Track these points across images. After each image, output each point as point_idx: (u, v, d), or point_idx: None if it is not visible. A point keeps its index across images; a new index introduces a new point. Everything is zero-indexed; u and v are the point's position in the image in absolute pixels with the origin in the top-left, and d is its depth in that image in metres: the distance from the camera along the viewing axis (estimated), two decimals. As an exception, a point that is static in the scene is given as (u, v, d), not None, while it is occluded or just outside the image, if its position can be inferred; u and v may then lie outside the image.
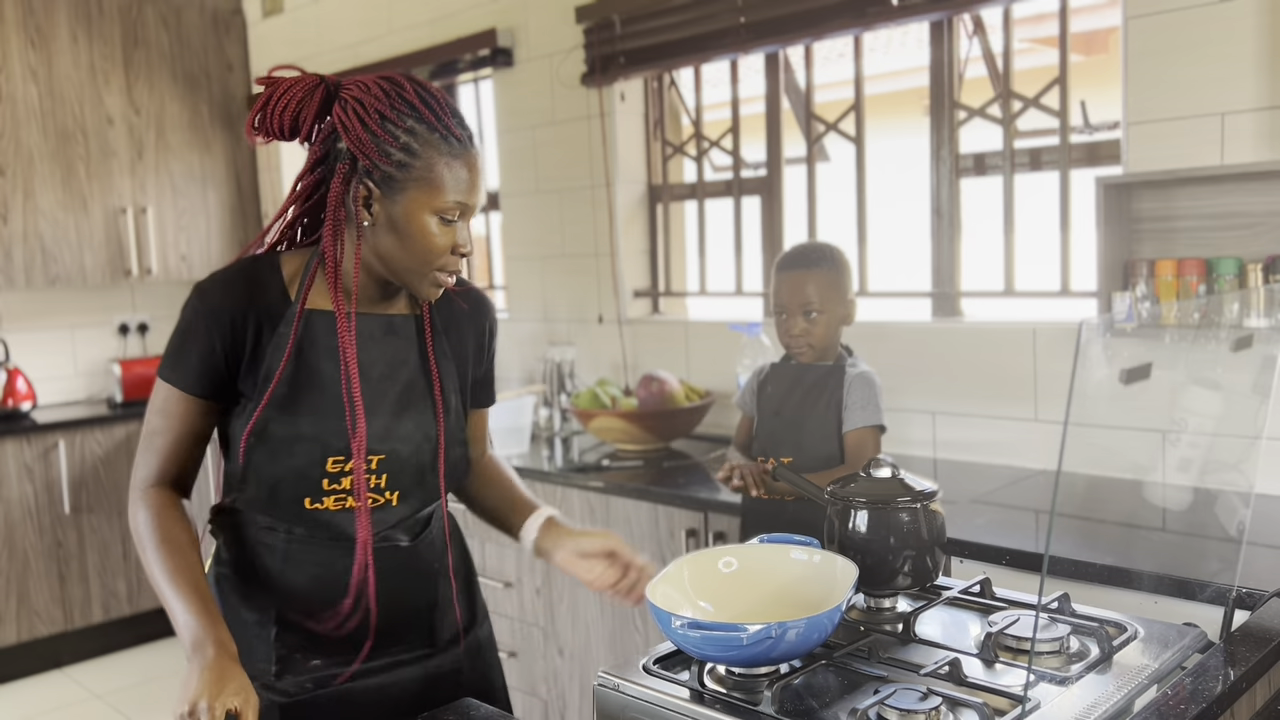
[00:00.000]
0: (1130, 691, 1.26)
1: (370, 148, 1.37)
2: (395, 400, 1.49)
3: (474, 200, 1.42)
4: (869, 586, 1.53)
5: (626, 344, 3.53)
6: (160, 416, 1.48)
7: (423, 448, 1.50)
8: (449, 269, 1.43)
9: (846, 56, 3.23)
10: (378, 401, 1.47)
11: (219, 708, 1.22)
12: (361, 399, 1.44)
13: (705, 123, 3.47)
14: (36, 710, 3.84)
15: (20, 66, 4.24)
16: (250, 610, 1.52)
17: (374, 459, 1.46)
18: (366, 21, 4.31)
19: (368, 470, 1.46)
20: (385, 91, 1.38)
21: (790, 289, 2.02)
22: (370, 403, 1.46)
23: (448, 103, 1.42)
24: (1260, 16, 2.20)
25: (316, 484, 1.45)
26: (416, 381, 1.51)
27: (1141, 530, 2.07)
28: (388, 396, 1.48)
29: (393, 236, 1.40)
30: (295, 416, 1.44)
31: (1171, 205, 2.36)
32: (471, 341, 1.60)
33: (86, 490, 4.24)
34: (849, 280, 2.06)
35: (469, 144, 1.41)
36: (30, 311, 4.61)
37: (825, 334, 2.02)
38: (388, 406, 1.48)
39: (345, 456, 1.45)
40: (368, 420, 1.45)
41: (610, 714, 1.37)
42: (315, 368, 1.45)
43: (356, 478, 1.45)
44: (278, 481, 1.46)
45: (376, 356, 1.49)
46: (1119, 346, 1.90)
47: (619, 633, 2.75)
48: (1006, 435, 2.65)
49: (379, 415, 1.47)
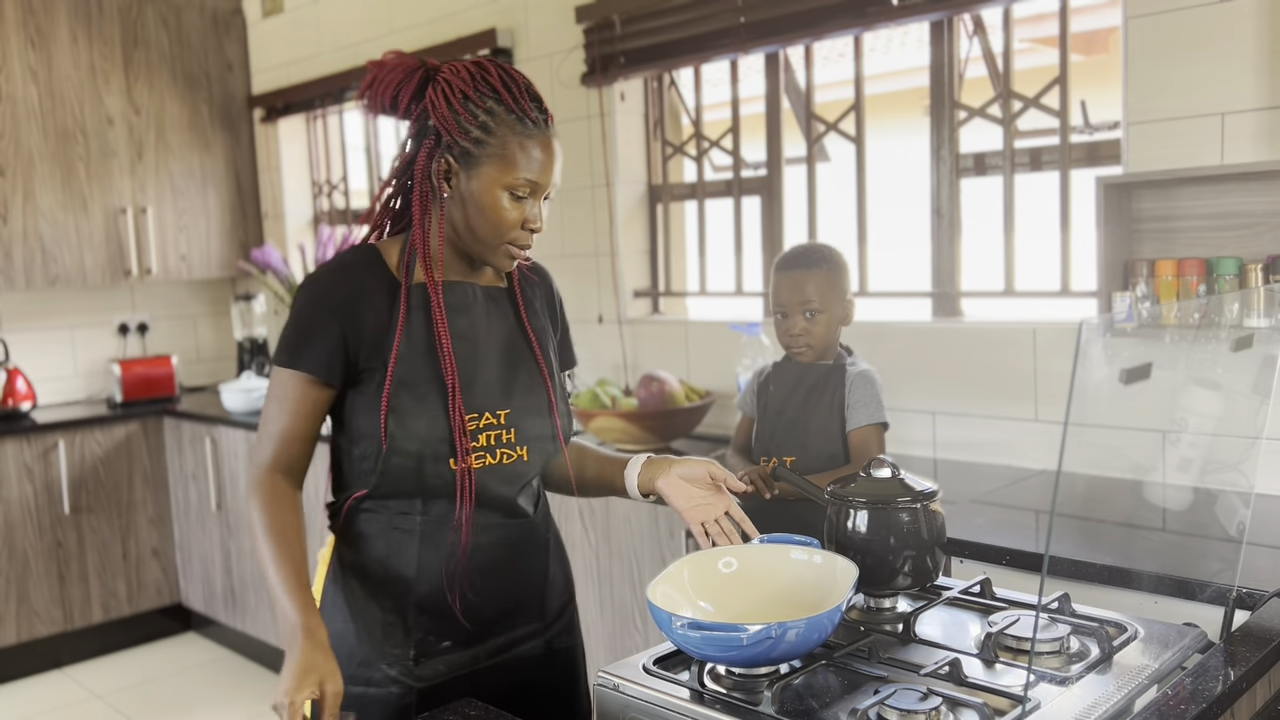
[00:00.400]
0: (1130, 691, 1.26)
1: (451, 124, 1.47)
2: (503, 360, 1.58)
3: (544, 179, 1.50)
4: (869, 586, 1.53)
5: (626, 344, 3.53)
6: (278, 404, 1.52)
7: (537, 404, 1.60)
8: (519, 243, 1.52)
9: (846, 56, 3.23)
10: (488, 361, 1.57)
11: (299, 701, 1.30)
12: (455, 360, 1.52)
13: (705, 123, 3.47)
14: (36, 710, 3.84)
15: (20, 66, 4.24)
16: (385, 599, 1.56)
17: (500, 414, 1.55)
18: (366, 21, 4.31)
19: (497, 425, 1.55)
20: (471, 74, 1.49)
21: (790, 289, 2.02)
22: (483, 362, 1.56)
23: (528, 87, 1.51)
24: (1260, 16, 2.19)
25: (450, 444, 1.51)
26: (517, 343, 1.61)
27: (1141, 530, 2.07)
28: (495, 357, 1.58)
29: (468, 209, 1.50)
30: (423, 384, 1.51)
31: (1171, 205, 2.36)
32: (545, 310, 1.70)
33: (86, 490, 4.24)
34: (847, 280, 2.06)
35: (543, 126, 1.50)
36: (30, 311, 4.61)
37: (825, 334, 2.03)
38: (498, 366, 1.57)
39: (477, 412, 1.53)
40: (483, 378, 1.55)
41: (610, 714, 1.37)
42: (430, 336, 1.53)
43: (458, 437, 1.50)
44: (421, 449, 1.50)
45: (480, 319, 1.58)
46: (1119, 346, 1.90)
47: (619, 633, 2.75)
48: (1006, 435, 2.65)
49: (492, 373, 1.56)
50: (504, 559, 1.59)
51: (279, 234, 4.90)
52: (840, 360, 2.07)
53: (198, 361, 5.10)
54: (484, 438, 1.53)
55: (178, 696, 3.93)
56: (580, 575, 2.82)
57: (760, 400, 2.13)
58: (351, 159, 4.82)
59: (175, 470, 4.43)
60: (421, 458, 1.51)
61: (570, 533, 2.83)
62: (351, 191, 4.81)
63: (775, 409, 2.08)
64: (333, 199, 4.85)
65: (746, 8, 3.05)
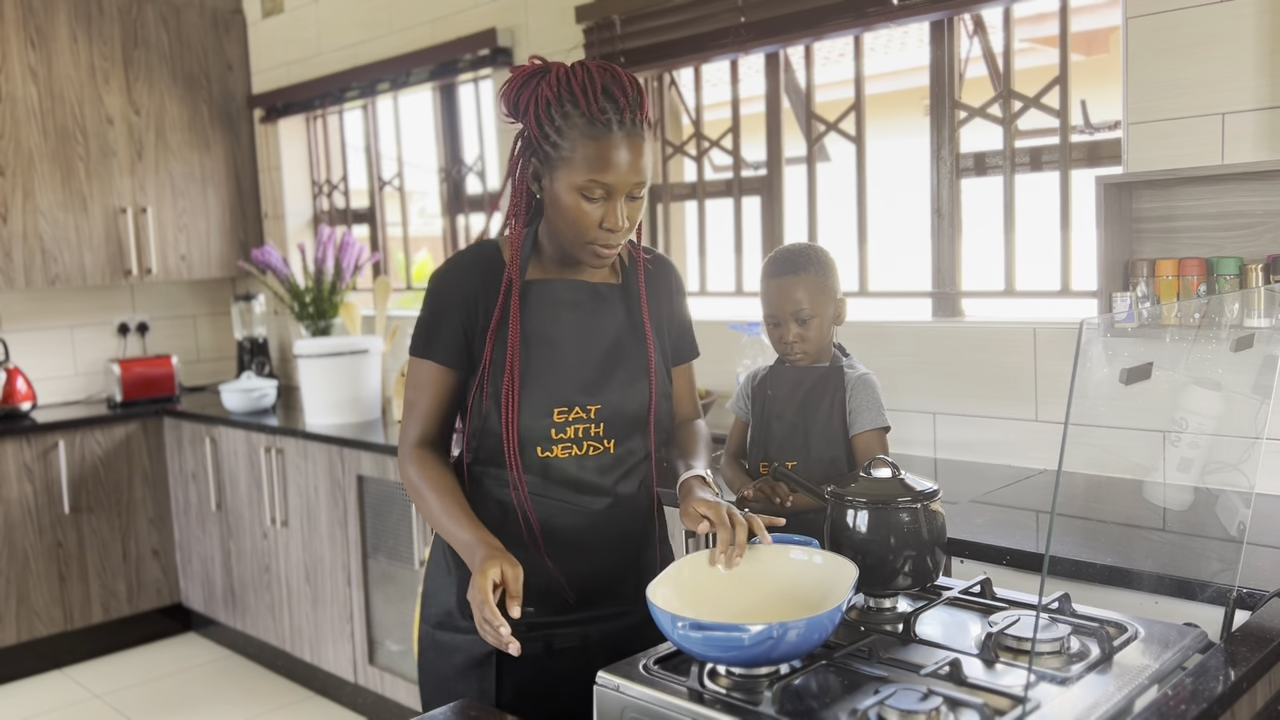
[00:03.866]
0: (1131, 691, 1.26)
1: (534, 128, 1.54)
2: (604, 356, 1.65)
3: (611, 179, 1.52)
4: (869, 586, 1.53)
5: (626, 344, 3.53)
6: (415, 389, 1.68)
7: (632, 399, 1.66)
8: (600, 242, 1.57)
9: (847, 56, 3.23)
10: (586, 358, 1.64)
11: (484, 583, 1.46)
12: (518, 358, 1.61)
13: (705, 123, 3.47)
14: (36, 710, 3.84)
15: (20, 66, 4.24)
16: None
17: (591, 409, 1.63)
18: (366, 21, 4.31)
19: (584, 420, 1.63)
20: (564, 77, 1.53)
21: (780, 296, 2.00)
22: (579, 359, 1.64)
23: (606, 86, 1.52)
24: (1260, 16, 2.19)
25: (545, 434, 1.62)
26: (624, 340, 1.68)
27: (1142, 530, 2.07)
28: (595, 353, 1.65)
29: (553, 211, 1.58)
30: (521, 375, 1.62)
31: (1172, 205, 2.36)
32: (665, 301, 1.76)
33: (86, 490, 4.24)
34: (837, 279, 2.04)
35: (613, 127, 1.51)
36: (30, 311, 4.61)
37: (819, 337, 2.01)
38: (595, 362, 1.65)
39: (568, 406, 1.62)
40: (578, 374, 1.63)
41: (610, 714, 1.37)
42: (532, 330, 1.63)
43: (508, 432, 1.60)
44: (512, 435, 1.61)
45: (583, 317, 1.66)
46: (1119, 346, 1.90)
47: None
48: (1006, 435, 2.65)
49: (587, 370, 1.64)
50: (596, 541, 1.67)
51: (279, 234, 4.90)
52: (837, 362, 2.06)
53: (198, 361, 5.10)
54: (572, 430, 1.63)
55: (178, 696, 3.93)
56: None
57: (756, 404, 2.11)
58: (351, 159, 4.82)
59: (175, 470, 4.43)
60: (511, 443, 1.61)
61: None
62: (351, 191, 4.82)
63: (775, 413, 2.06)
64: (333, 199, 4.85)
65: (746, 8, 3.06)
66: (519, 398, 1.61)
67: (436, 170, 4.33)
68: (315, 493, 3.68)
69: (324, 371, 3.75)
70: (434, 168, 4.35)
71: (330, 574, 3.66)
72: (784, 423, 2.04)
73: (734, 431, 2.19)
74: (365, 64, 4.28)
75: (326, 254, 4.09)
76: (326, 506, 3.63)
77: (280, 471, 3.82)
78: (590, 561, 1.69)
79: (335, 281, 4.07)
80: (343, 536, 3.57)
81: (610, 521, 1.69)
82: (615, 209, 1.54)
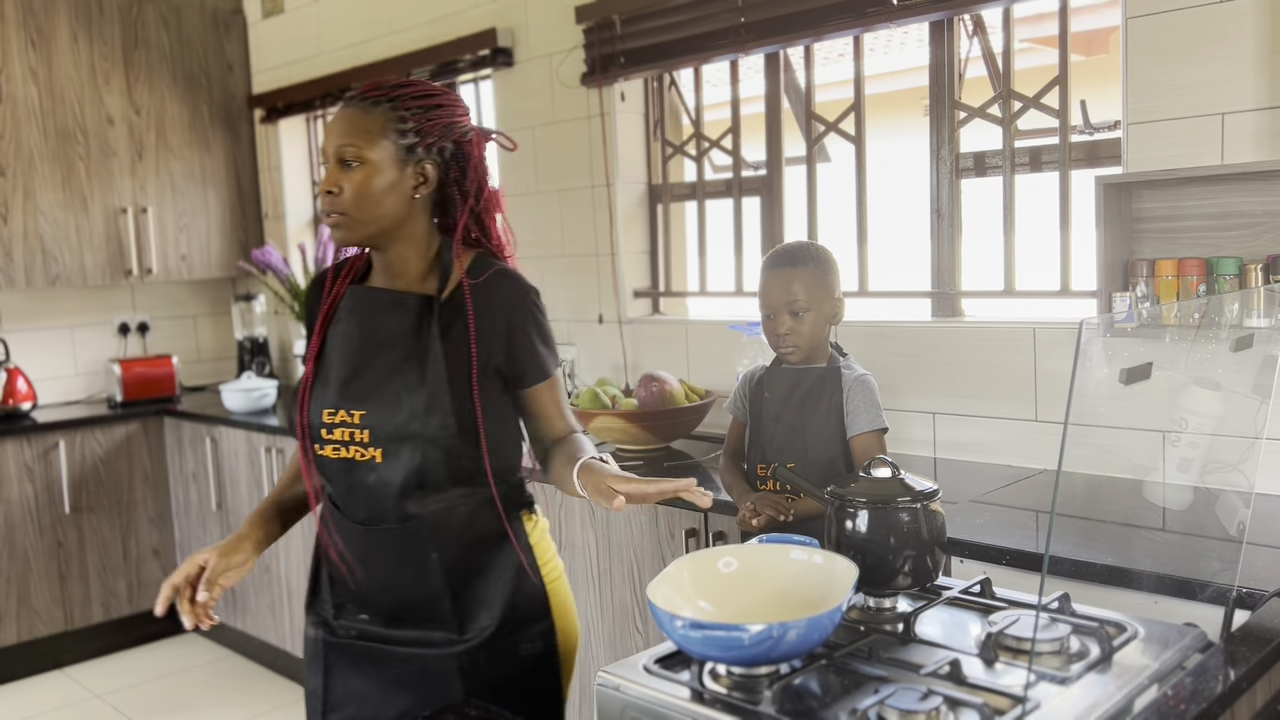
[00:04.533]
0: (1130, 691, 1.26)
1: None
2: (389, 366, 1.66)
3: (325, 143, 1.66)
4: (869, 586, 1.53)
5: (626, 344, 3.53)
6: None
7: (401, 412, 1.64)
8: (324, 210, 1.66)
9: (846, 56, 3.23)
10: (367, 364, 1.67)
11: (188, 566, 1.64)
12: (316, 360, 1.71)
13: (705, 123, 3.47)
14: (36, 710, 3.84)
15: (20, 66, 4.24)
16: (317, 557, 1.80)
17: (355, 414, 1.65)
18: (366, 21, 4.31)
19: (349, 425, 1.65)
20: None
21: (776, 288, 1.99)
22: (357, 364, 1.67)
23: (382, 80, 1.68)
24: (1260, 16, 2.20)
25: (318, 432, 1.68)
26: (411, 351, 1.66)
27: (1141, 530, 2.07)
28: (379, 361, 1.66)
29: None
30: (314, 372, 1.72)
31: (1172, 205, 2.36)
32: (494, 320, 1.68)
33: (87, 490, 4.24)
34: (836, 278, 2.03)
35: (345, 102, 1.67)
36: (30, 311, 4.61)
37: (813, 333, 2.00)
38: (377, 371, 1.66)
39: (334, 408, 1.66)
40: (352, 379, 1.66)
41: (610, 714, 1.37)
42: (336, 332, 1.72)
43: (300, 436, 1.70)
44: (302, 431, 1.71)
45: (380, 325, 1.68)
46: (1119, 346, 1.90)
47: (619, 633, 2.75)
48: (1006, 435, 2.65)
49: (364, 376, 1.66)
50: (380, 557, 1.69)
51: (279, 234, 4.90)
52: (834, 363, 2.05)
53: (198, 361, 5.10)
54: (340, 433, 1.66)
55: (178, 696, 3.93)
56: (580, 575, 2.82)
57: (754, 404, 2.11)
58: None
59: (175, 470, 4.43)
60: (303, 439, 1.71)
61: (570, 533, 2.84)
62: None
63: (772, 414, 2.05)
64: (333, 199, 4.84)
65: (746, 8, 3.06)
66: (309, 393, 1.70)
67: (437, 170, 4.33)
68: (315, 493, 3.67)
69: (324, 371, 3.75)
70: (434, 168, 4.35)
71: (330, 574, 3.66)
72: (781, 424, 2.03)
73: (732, 432, 2.18)
74: (365, 64, 4.28)
75: (327, 254, 4.09)
76: (327, 506, 3.62)
77: (280, 471, 3.82)
78: (385, 574, 1.69)
79: (335, 281, 4.07)
80: (343, 536, 3.57)
81: (396, 540, 1.66)
82: (328, 173, 1.64)
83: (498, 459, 1.69)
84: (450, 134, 1.68)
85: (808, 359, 2.04)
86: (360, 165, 1.62)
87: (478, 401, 1.65)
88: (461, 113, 1.71)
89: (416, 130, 1.64)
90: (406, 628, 1.70)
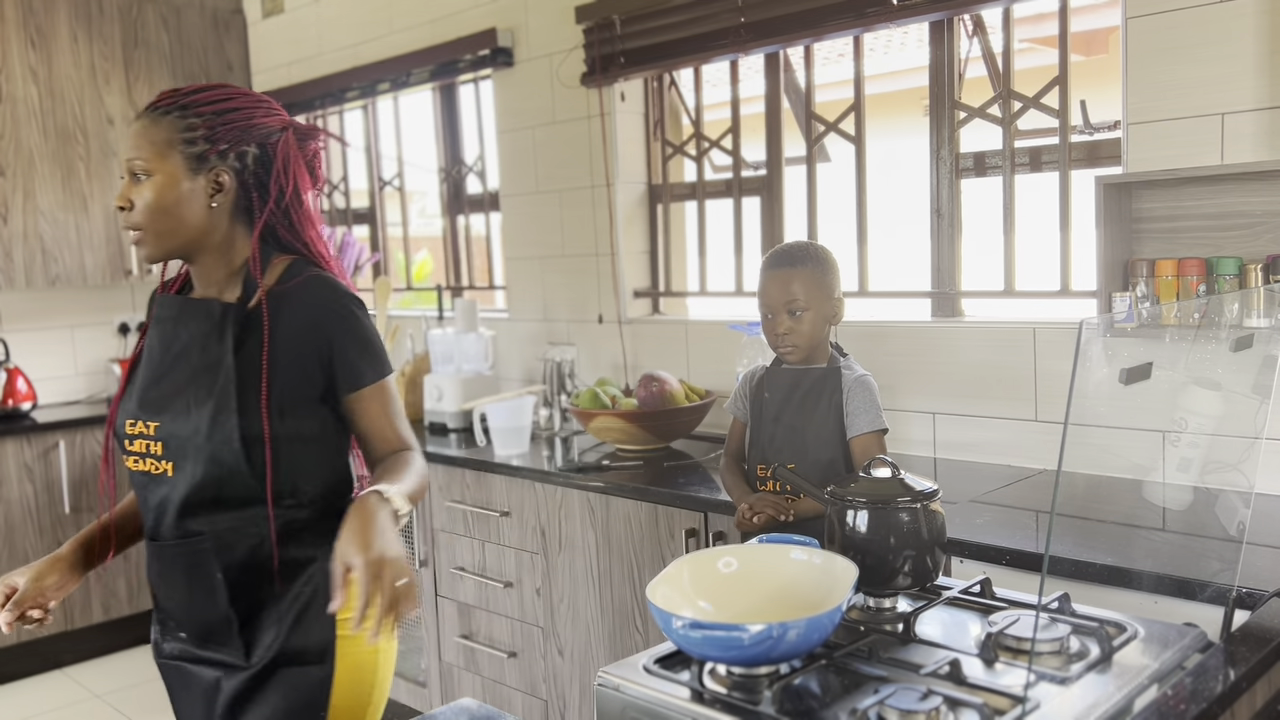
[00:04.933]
0: (1130, 691, 1.26)
1: None
2: (185, 377, 1.62)
3: (124, 155, 1.63)
4: (869, 586, 1.53)
5: (626, 344, 3.53)
6: None
7: (188, 425, 1.59)
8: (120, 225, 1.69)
9: (846, 56, 3.23)
10: (166, 373, 1.64)
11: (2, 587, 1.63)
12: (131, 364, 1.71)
13: (705, 123, 3.47)
14: (36, 710, 3.84)
15: (20, 66, 4.24)
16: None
17: (151, 425, 1.62)
18: (366, 21, 4.32)
19: (146, 436, 1.62)
20: None
21: (776, 287, 1.99)
22: (157, 374, 1.64)
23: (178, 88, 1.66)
24: (1260, 16, 2.20)
25: (123, 442, 1.66)
26: (214, 366, 1.60)
27: (1141, 530, 2.07)
28: (177, 371, 1.63)
29: None
30: (127, 382, 1.71)
31: (1171, 205, 2.36)
32: (299, 327, 1.62)
33: (87, 490, 4.24)
34: (836, 279, 2.02)
35: (138, 114, 1.63)
36: (30, 311, 4.61)
37: (812, 332, 1.99)
38: (173, 381, 1.63)
39: (134, 419, 1.64)
40: (150, 388, 1.63)
41: (610, 714, 1.37)
42: (147, 342, 1.70)
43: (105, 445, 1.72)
44: (107, 440, 1.72)
45: (181, 334, 1.64)
46: (1119, 346, 1.90)
47: (619, 633, 2.75)
48: (1006, 435, 2.65)
49: (162, 386, 1.63)
50: (172, 574, 1.66)
51: (279, 234, 4.89)
52: (835, 363, 2.05)
53: (198, 361, 5.10)
54: (139, 444, 1.63)
55: (178, 696, 3.93)
56: (580, 575, 2.82)
57: (754, 405, 2.10)
58: (352, 159, 4.82)
59: (175, 470, 4.43)
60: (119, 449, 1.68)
61: (570, 532, 2.84)
62: (352, 191, 4.82)
63: (772, 415, 2.05)
64: (333, 199, 4.85)
65: (746, 8, 3.06)
66: (118, 403, 1.68)
67: (437, 170, 4.33)
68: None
69: (324, 371, 3.75)
70: (434, 168, 4.35)
71: (330, 574, 3.65)
72: (781, 424, 2.03)
73: (732, 432, 2.18)
74: (365, 64, 4.28)
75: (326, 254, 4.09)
76: (327, 506, 3.62)
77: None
78: (179, 593, 1.66)
79: (335, 281, 4.07)
80: (343, 536, 3.57)
81: (183, 558, 1.63)
82: (121, 188, 1.62)
83: (295, 480, 1.61)
84: (248, 137, 1.62)
85: (807, 359, 2.04)
86: (149, 178, 1.59)
87: (265, 417, 1.57)
88: (265, 114, 1.65)
89: (206, 137, 1.59)
90: (209, 648, 1.66)
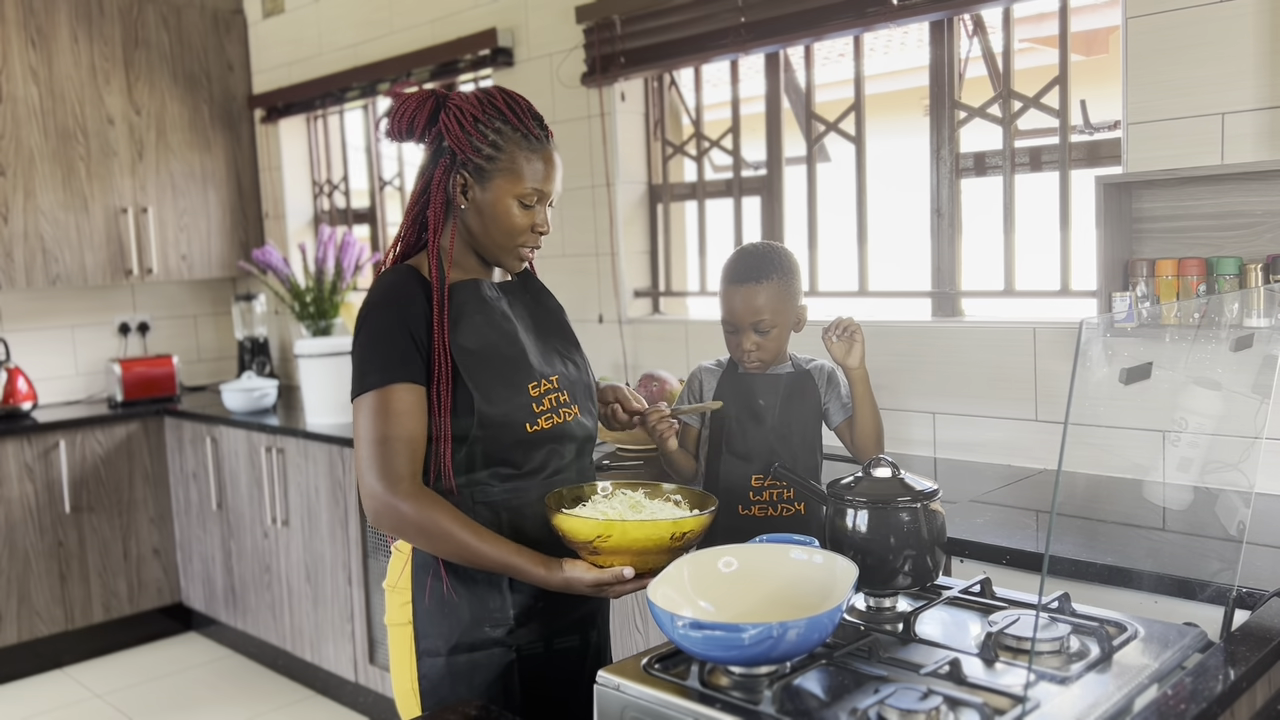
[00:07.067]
0: (1130, 691, 1.26)
1: (464, 143, 1.65)
2: (541, 336, 1.78)
3: (548, 188, 1.69)
4: (869, 586, 1.54)
5: (626, 344, 3.53)
6: (394, 420, 1.61)
7: (579, 368, 1.80)
8: (529, 245, 1.72)
9: (846, 56, 3.23)
10: (532, 338, 1.75)
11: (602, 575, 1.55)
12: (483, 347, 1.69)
13: (705, 123, 3.47)
14: (36, 710, 3.84)
15: (20, 66, 4.24)
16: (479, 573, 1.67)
17: (553, 379, 1.72)
18: (367, 21, 4.32)
19: (552, 389, 1.70)
20: (479, 99, 1.68)
21: (741, 304, 1.91)
22: (529, 340, 1.74)
23: (529, 108, 1.70)
24: (1260, 16, 2.20)
25: (529, 409, 1.66)
26: (542, 321, 1.81)
27: (1141, 530, 2.07)
28: (535, 334, 1.77)
29: (484, 218, 1.68)
30: (482, 368, 1.65)
31: (1172, 205, 2.36)
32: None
33: (87, 490, 4.24)
34: (799, 284, 1.96)
35: (545, 141, 1.69)
36: (30, 311, 4.61)
37: (778, 347, 1.97)
38: (539, 341, 1.76)
39: (538, 379, 1.70)
40: (533, 352, 1.72)
41: (610, 714, 1.37)
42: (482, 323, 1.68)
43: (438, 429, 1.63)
44: (496, 423, 1.63)
45: (507, 308, 1.74)
46: (1119, 346, 1.90)
47: (619, 633, 2.75)
48: (1006, 435, 2.65)
49: (537, 347, 1.74)
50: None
51: (279, 234, 4.90)
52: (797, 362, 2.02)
53: (198, 361, 5.10)
54: (549, 400, 1.70)
55: (178, 696, 3.93)
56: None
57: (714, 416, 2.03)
58: (352, 159, 4.82)
59: (176, 470, 4.44)
60: (499, 432, 1.64)
61: (570, 532, 2.83)
62: (352, 191, 4.82)
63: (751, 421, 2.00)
64: (333, 199, 4.85)
65: (746, 8, 3.06)
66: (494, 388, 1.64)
67: (437, 170, 4.33)
68: (316, 492, 3.68)
69: (325, 371, 3.76)
70: (434, 168, 4.35)
71: (331, 573, 3.66)
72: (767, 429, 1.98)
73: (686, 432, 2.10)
74: (366, 64, 4.28)
75: (327, 254, 4.09)
76: (327, 506, 3.63)
77: (281, 471, 3.82)
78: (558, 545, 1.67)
79: (336, 281, 4.07)
80: (343, 536, 3.58)
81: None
82: (545, 213, 1.71)
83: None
84: None
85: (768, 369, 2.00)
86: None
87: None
88: None
89: None
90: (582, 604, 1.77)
